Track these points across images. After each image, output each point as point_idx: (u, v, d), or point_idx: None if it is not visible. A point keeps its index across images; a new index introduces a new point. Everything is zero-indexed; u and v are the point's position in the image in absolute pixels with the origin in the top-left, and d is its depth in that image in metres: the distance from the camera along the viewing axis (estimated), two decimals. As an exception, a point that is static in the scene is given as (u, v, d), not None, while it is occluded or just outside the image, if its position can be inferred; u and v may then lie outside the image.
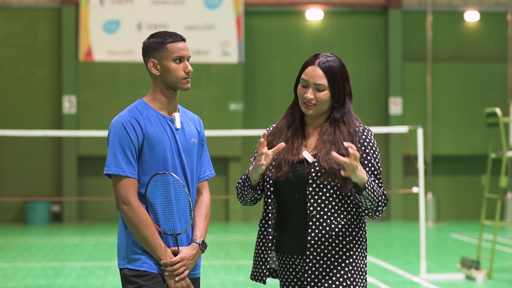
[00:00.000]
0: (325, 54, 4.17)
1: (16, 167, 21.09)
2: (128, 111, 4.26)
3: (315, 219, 4.03)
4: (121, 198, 4.17)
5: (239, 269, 12.56)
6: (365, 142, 4.08)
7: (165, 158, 4.22)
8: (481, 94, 21.87)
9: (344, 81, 4.14)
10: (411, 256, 14.03)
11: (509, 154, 12.20)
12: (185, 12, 21.04)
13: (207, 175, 4.49)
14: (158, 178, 4.21)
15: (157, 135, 4.22)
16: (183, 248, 4.25)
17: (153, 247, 4.17)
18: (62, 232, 18.92)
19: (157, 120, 4.25)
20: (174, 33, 4.29)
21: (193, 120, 4.46)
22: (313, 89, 4.11)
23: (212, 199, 21.08)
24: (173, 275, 4.19)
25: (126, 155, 4.18)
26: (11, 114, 21.00)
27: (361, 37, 21.87)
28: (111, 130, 4.22)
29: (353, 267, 4.06)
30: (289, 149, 4.13)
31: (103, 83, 20.89)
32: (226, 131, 17.29)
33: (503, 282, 11.33)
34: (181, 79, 4.27)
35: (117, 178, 4.19)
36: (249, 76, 21.67)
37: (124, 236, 4.25)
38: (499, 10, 22.19)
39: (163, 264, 4.18)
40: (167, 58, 4.24)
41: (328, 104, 4.13)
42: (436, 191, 21.70)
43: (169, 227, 4.23)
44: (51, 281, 11.39)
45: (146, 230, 4.16)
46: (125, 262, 4.23)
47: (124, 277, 4.25)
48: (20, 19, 21.19)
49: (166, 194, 4.22)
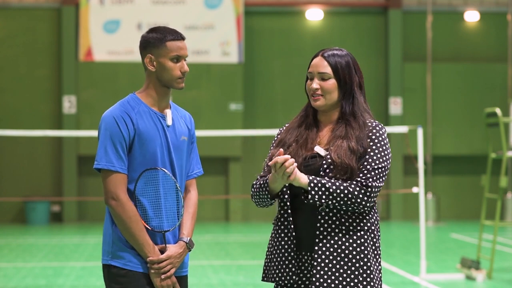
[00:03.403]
0: (332, 47, 4.17)
1: (16, 167, 21.09)
2: (120, 106, 4.21)
3: (324, 213, 3.98)
4: (110, 193, 4.13)
5: (239, 269, 12.56)
6: (373, 136, 4.03)
7: (155, 154, 4.18)
8: (481, 94, 21.88)
9: (351, 70, 4.09)
10: (411, 256, 14.03)
11: (509, 154, 12.19)
12: (185, 12, 21.04)
13: (195, 173, 4.44)
14: (148, 174, 4.16)
15: (148, 131, 4.17)
16: (170, 246, 4.19)
17: (140, 244, 4.12)
18: (62, 232, 18.92)
19: (148, 116, 4.20)
20: (175, 31, 4.24)
21: (184, 118, 4.39)
22: (318, 79, 4.11)
23: (212, 199, 21.14)
24: (159, 273, 4.14)
25: (117, 150, 4.13)
26: (11, 114, 21.00)
27: (361, 37, 21.87)
28: (102, 124, 4.17)
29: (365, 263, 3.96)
30: (302, 144, 4.10)
31: (103, 83, 20.89)
32: (226, 131, 17.28)
33: (503, 282, 11.33)
34: (176, 79, 4.22)
35: (107, 173, 4.15)
36: (249, 76, 21.67)
37: (110, 231, 4.20)
38: (499, 10, 22.19)
39: (150, 261, 4.13)
40: (165, 56, 4.20)
41: (336, 95, 4.10)
42: (436, 191, 21.71)
43: (157, 224, 4.18)
44: (51, 281, 11.39)
45: (134, 227, 4.11)
46: (109, 258, 4.18)
47: (108, 275, 4.19)
48: (20, 19, 21.19)
49: (155, 191, 4.17)
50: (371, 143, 4.02)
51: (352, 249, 3.97)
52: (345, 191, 3.91)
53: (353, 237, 3.98)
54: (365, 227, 4.01)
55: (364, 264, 3.97)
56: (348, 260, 3.96)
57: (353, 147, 3.98)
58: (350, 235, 3.97)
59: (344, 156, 3.96)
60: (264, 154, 21.32)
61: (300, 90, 21.58)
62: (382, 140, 4.05)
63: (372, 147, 4.02)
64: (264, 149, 21.12)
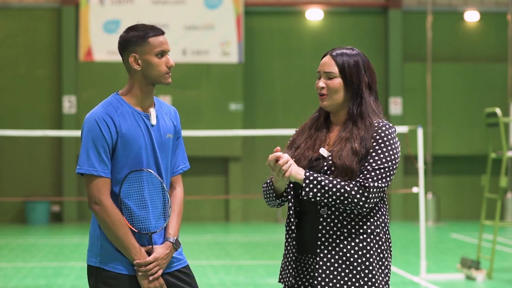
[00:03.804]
0: (343, 47, 4.10)
1: (16, 167, 21.08)
2: (102, 107, 4.14)
3: (326, 215, 3.95)
4: (93, 198, 4.08)
5: (239, 269, 12.56)
6: (377, 136, 3.95)
7: (139, 155, 4.12)
8: (481, 94, 21.87)
9: (359, 70, 4.02)
10: (411, 256, 14.03)
11: (509, 154, 12.19)
12: (185, 12, 21.04)
13: (181, 168, 4.38)
14: (133, 176, 4.12)
15: (131, 132, 4.11)
16: (157, 247, 4.15)
17: (126, 247, 4.08)
18: (62, 232, 18.92)
19: (131, 116, 4.14)
20: (154, 27, 4.18)
21: (169, 113, 4.33)
22: (324, 78, 4.05)
23: (212, 199, 21.13)
24: (147, 275, 4.11)
25: (99, 153, 4.07)
26: (11, 114, 21.00)
27: (361, 37, 21.87)
28: (84, 126, 4.11)
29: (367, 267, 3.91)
30: (310, 146, 4.06)
31: (103, 83, 20.89)
32: (226, 131, 17.28)
33: (503, 282, 11.33)
34: (164, 74, 4.16)
35: (90, 178, 4.09)
36: (249, 76, 21.67)
37: (98, 233, 4.17)
38: (499, 10, 22.19)
39: (137, 264, 4.10)
40: (149, 52, 4.13)
41: (342, 95, 4.03)
42: (436, 191, 21.70)
43: (143, 225, 4.14)
44: (51, 281, 11.39)
45: (119, 231, 4.07)
46: (97, 261, 4.15)
47: (97, 277, 4.16)
48: (20, 19, 21.19)
49: (140, 192, 4.13)
50: (374, 143, 3.94)
51: (354, 253, 3.92)
52: (342, 190, 3.86)
53: (355, 240, 3.92)
54: (368, 230, 3.94)
55: (366, 268, 3.92)
56: (349, 263, 3.91)
57: (355, 148, 3.92)
58: (352, 238, 3.92)
59: (345, 157, 3.91)
60: (264, 154, 21.31)
61: (300, 90, 21.66)
62: (387, 140, 3.96)
63: (375, 148, 3.94)
64: (264, 149, 21.11)
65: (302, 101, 21.29)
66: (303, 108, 20.70)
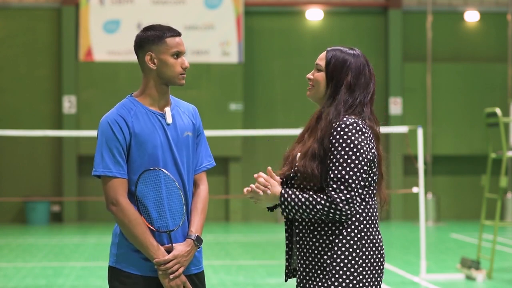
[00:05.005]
0: (346, 46, 4.06)
1: (16, 167, 21.08)
2: (116, 110, 4.17)
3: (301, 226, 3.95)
4: (110, 199, 4.10)
5: (239, 269, 12.56)
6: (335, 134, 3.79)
7: (155, 155, 4.13)
8: (481, 94, 21.87)
9: (343, 68, 3.92)
10: (411, 256, 14.03)
11: (509, 154, 12.19)
12: (185, 12, 21.04)
13: (204, 166, 4.38)
14: (148, 175, 4.13)
15: (145, 132, 4.12)
16: (177, 245, 4.15)
17: (144, 246, 4.09)
18: (62, 232, 18.92)
19: (146, 116, 4.16)
20: (171, 28, 4.22)
21: (187, 112, 4.34)
22: (315, 70, 4.04)
23: (212, 199, 21.12)
24: (167, 273, 4.11)
25: (113, 155, 4.10)
26: (11, 114, 21.00)
27: (361, 37, 21.87)
28: (99, 130, 4.15)
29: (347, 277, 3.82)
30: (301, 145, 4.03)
31: (103, 83, 20.89)
32: (226, 131, 17.28)
33: (503, 282, 11.33)
34: (178, 75, 4.19)
35: (105, 179, 4.11)
36: (249, 76, 21.67)
37: (118, 232, 4.19)
38: (499, 10, 22.19)
39: (156, 263, 4.10)
40: (166, 52, 4.17)
41: (322, 89, 3.97)
42: (436, 191, 21.70)
43: (162, 224, 4.15)
44: (51, 281, 11.39)
45: (137, 230, 4.08)
46: (114, 260, 4.17)
47: (113, 274, 4.18)
48: (20, 19, 21.19)
49: (157, 191, 4.13)
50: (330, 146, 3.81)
51: (333, 261, 3.83)
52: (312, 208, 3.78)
53: (334, 249, 3.82)
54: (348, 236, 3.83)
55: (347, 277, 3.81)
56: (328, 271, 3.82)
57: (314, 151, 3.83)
58: (329, 248, 3.83)
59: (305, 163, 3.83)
60: (264, 154, 21.34)
61: (300, 90, 21.65)
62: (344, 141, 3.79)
63: (332, 150, 3.80)
64: (264, 149, 21.13)
65: (302, 101, 21.28)
66: (303, 108, 20.69)
